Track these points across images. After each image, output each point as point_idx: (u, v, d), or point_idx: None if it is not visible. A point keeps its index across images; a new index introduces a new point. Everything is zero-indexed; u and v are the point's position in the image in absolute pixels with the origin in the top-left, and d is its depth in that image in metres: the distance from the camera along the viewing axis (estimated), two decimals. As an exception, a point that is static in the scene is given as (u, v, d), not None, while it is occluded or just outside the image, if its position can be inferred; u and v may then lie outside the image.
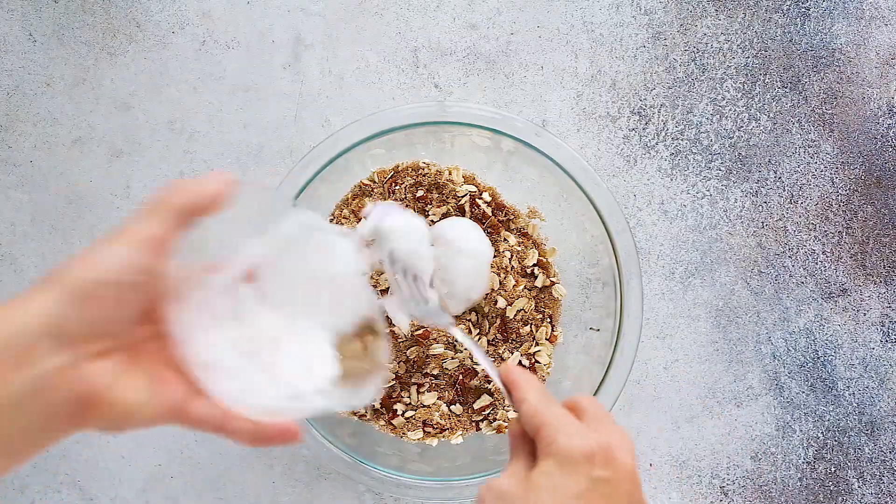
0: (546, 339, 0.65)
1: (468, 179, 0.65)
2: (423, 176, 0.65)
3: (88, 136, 0.70)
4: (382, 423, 0.64)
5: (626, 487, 0.40)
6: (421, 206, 0.65)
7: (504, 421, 0.64)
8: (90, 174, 0.70)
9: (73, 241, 0.70)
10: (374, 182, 0.65)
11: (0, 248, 0.70)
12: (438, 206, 0.65)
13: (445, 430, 0.64)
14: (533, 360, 0.65)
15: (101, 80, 0.70)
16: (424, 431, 0.64)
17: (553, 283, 0.65)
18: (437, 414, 0.64)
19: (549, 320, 0.65)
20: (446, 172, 0.65)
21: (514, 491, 0.40)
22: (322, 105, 0.70)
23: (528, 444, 0.43)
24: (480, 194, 0.65)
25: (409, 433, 0.64)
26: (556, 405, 0.43)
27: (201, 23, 0.70)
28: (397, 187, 0.65)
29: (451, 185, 0.65)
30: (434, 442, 0.65)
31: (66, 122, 0.70)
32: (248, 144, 0.70)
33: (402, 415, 0.64)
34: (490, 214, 0.65)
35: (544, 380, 0.66)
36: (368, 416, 0.64)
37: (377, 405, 0.64)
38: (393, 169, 0.65)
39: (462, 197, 0.64)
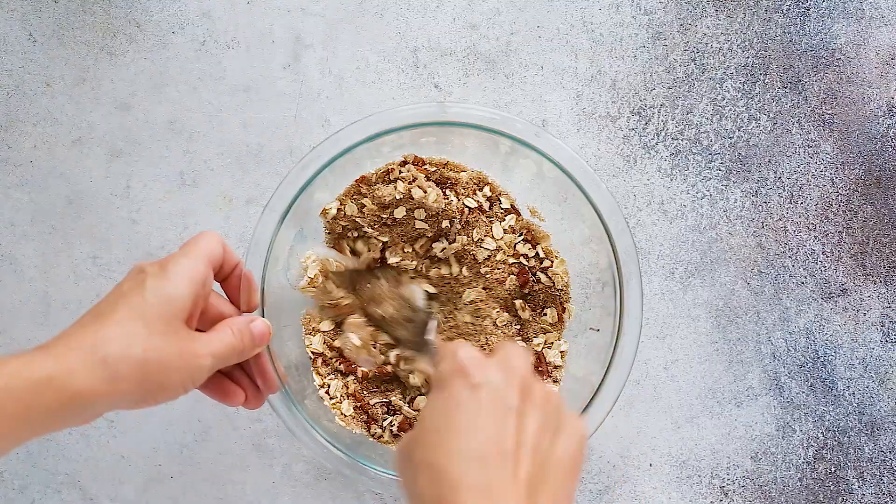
0: (555, 321, 0.65)
1: (472, 176, 0.66)
2: (426, 170, 0.65)
3: (88, 136, 0.70)
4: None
5: (513, 388, 0.42)
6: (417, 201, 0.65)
7: None
8: (90, 174, 0.70)
9: (73, 241, 0.70)
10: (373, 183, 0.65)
11: (0, 248, 0.70)
12: (447, 195, 0.64)
13: None
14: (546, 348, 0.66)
15: (101, 80, 0.70)
16: None
17: (552, 263, 0.65)
18: None
19: (556, 301, 0.65)
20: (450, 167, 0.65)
21: (410, 433, 0.43)
22: (322, 105, 0.70)
23: None
24: (481, 187, 0.65)
25: None
26: (454, 344, 0.46)
27: (201, 23, 0.70)
28: (399, 182, 0.65)
29: (455, 175, 0.65)
30: None
31: (66, 122, 0.70)
32: (248, 144, 0.70)
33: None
34: (489, 209, 0.65)
35: (557, 382, 0.65)
36: (387, 438, 0.64)
37: (394, 429, 0.63)
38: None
39: (467, 186, 0.65)
